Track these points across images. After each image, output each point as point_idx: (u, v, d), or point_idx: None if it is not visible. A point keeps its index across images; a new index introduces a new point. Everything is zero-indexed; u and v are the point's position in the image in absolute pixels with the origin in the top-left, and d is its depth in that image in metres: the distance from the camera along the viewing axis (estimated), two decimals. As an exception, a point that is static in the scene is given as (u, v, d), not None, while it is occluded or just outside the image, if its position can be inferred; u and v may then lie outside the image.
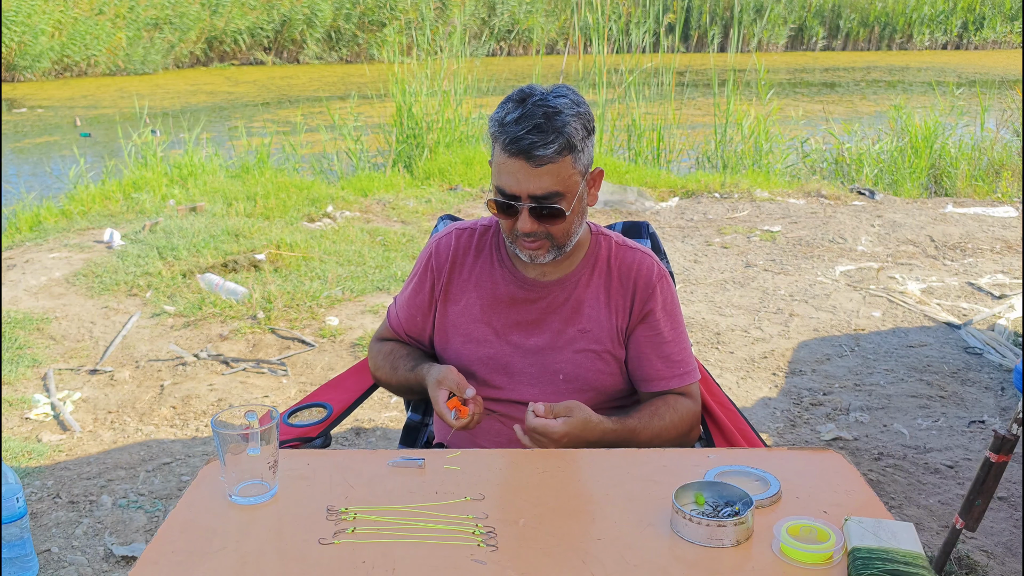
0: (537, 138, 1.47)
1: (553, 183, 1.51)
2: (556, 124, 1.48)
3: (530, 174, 1.50)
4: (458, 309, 1.71)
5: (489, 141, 1.57)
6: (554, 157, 1.49)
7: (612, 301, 1.68)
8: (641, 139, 8.10)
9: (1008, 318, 4.17)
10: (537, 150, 1.47)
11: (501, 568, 1.14)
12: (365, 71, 14.45)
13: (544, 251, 1.59)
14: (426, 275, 1.74)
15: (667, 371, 1.68)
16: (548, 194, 1.51)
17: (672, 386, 1.68)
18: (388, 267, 4.88)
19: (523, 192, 1.51)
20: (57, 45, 16.09)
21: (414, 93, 7.58)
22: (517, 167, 1.50)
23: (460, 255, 1.72)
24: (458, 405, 1.54)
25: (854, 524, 1.18)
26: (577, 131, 1.51)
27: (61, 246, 5.20)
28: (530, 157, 1.48)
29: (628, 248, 1.72)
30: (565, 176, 1.52)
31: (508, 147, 1.49)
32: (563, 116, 1.50)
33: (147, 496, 2.74)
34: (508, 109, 1.52)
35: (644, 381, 1.69)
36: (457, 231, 1.75)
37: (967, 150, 7.55)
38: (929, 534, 2.50)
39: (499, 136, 1.51)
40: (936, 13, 22.47)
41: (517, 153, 1.49)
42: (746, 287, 4.68)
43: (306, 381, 3.54)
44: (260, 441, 1.28)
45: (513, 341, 1.67)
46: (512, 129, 1.49)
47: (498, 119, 1.52)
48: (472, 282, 1.71)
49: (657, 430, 1.61)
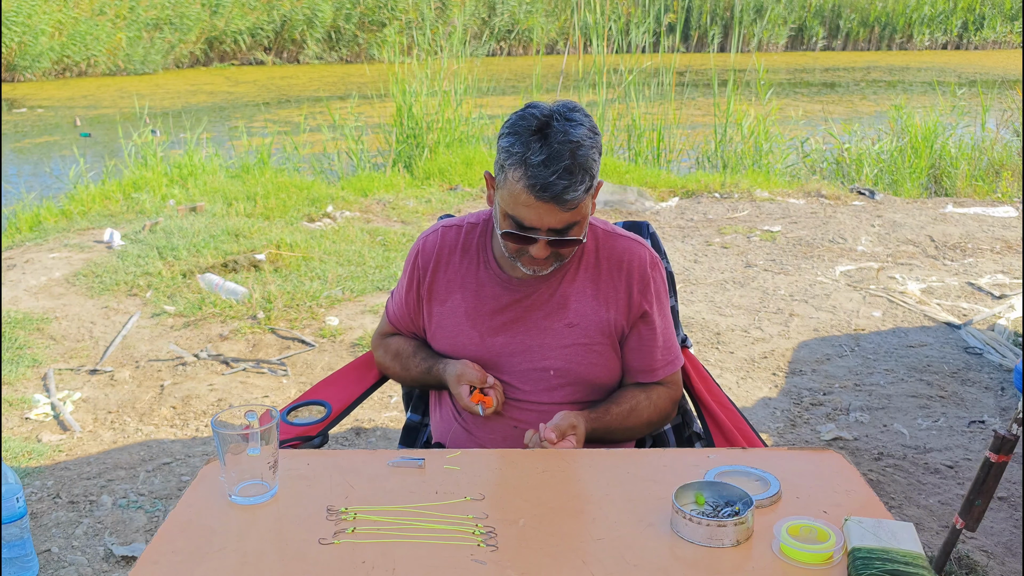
0: (568, 182, 1.44)
1: (574, 217, 1.51)
2: (581, 162, 1.46)
3: (555, 216, 1.49)
4: (444, 310, 1.71)
5: (500, 160, 1.52)
6: (582, 197, 1.49)
7: (602, 293, 1.66)
8: (641, 139, 8.09)
9: (1008, 318, 4.17)
10: (568, 195, 1.45)
11: (501, 568, 1.14)
12: (365, 71, 14.45)
13: (547, 267, 1.60)
14: (413, 273, 1.75)
15: (653, 362, 1.70)
16: (567, 227, 1.52)
17: (657, 377, 1.70)
18: (388, 267, 4.88)
19: (543, 226, 1.51)
20: (57, 45, 16.09)
21: (414, 93, 7.58)
22: (544, 209, 1.48)
23: (446, 254, 1.72)
24: (481, 398, 1.60)
25: (854, 524, 1.18)
26: (596, 162, 1.50)
27: (61, 246, 5.20)
28: (561, 202, 1.46)
29: (616, 236, 1.71)
30: (584, 207, 1.53)
31: (537, 192, 1.45)
32: (585, 150, 1.47)
33: (147, 496, 2.74)
34: (531, 147, 1.46)
35: (638, 372, 1.70)
36: (444, 228, 1.75)
37: (967, 150, 7.55)
38: (929, 534, 2.50)
39: (523, 176, 1.46)
40: (936, 13, 22.46)
41: (547, 199, 1.46)
42: (746, 287, 4.68)
43: (306, 381, 3.54)
44: (260, 441, 1.28)
45: (500, 341, 1.66)
46: (541, 173, 1.44)
47: (520, 156, 1.46)
48: (457, 282, 1.70)
49: (633, 419, 1.66)
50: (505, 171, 1.50)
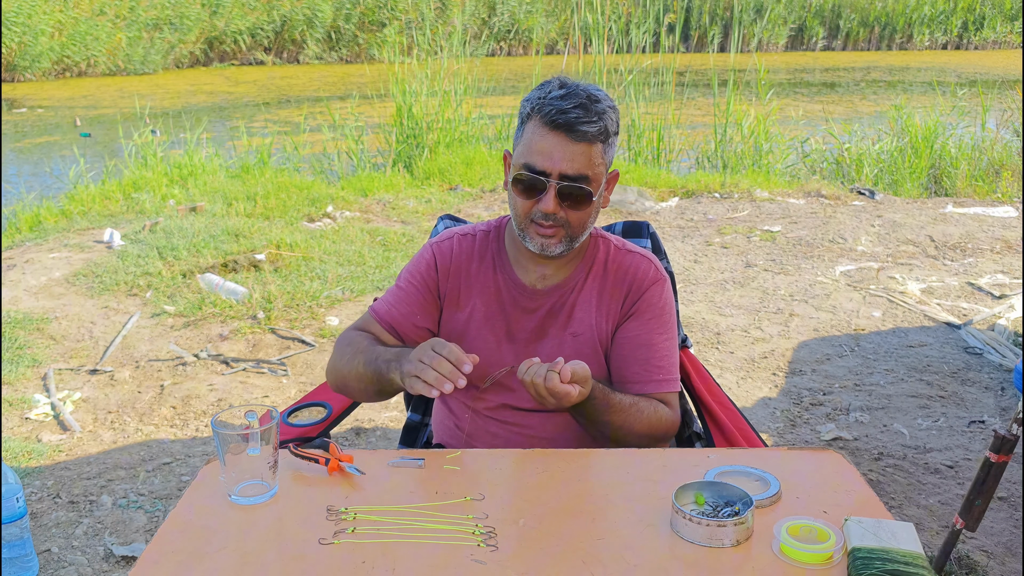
0: (582, 114, 1.49)
1: (585, 165, 1.51)
2: (598, 108, 1.51)
3: (566, 150, 1.50)
4: (463, 316, 1.68)
5: (521, 115, 1.57)
6: (592, 139, 1.51)
7: (603, 304, 1.65)
8: (641, 139, 8.09)
9: (1008, 318, 4.17)
10: (581, 125, 1.49)
11: (501, 568, 1.13)
12: (365, 71, 14.44)
13: (557, 240, 1.56)
14: (428, 274, 1.68)
15: (646, 374, 1.62)
16: (578, 175, 1.51)
17: (648, 390, 1.62)
18: (388, 267, 4.88)
19: (554, 169, 1.51)
20: (57, 45, 16.10)
21: (414, 93, 7.58)
22: (555, 142, 1.50)
23: (464, 261, 1.69)
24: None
25: (854, 524, 1.18)
26: (613, 122, 1.55)
27: (61, 246, 5.20)
28: (572, 131, 1.49)
29: (627, 252, 1.69)
30: (595, 162, 1.53)
31: (550, 119, 1.49)
32: (603, 104, 1.53)
33: (147, 496, 2.74)
34: (551, 88, 1.53)
35: (621, 383, 1.63)
36: (459, 236, 1.71)
37: (967, 150, 7.55)
38: (929, 534, 2.50)
39: (540, 109, 1.51)
40: (936, 13, 22.47)
41: (559, 126, 1.49)
42: (746, 287, 4.69)
43: (306, 381, 3.54)
44: (260, 441, 1.28)
45: (514, 350, 1.65)
46: (557, 103, 1.50)
47: (538, 96, 1.53)
48: (476, 289, 1.68)
49: (632, 415, 1.56)
50: (523, 124, 1.55)
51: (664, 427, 1.62)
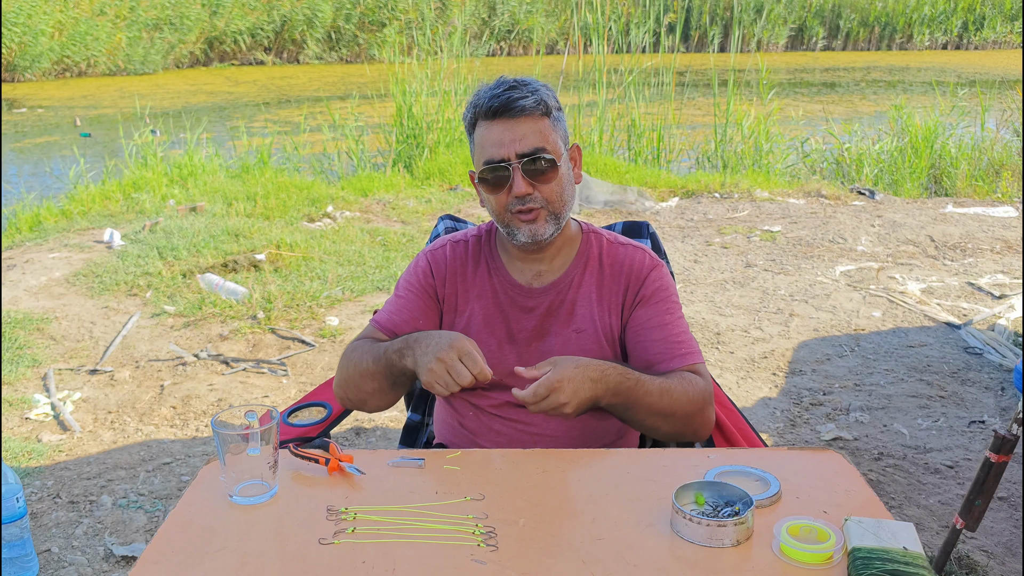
0: (513, 93, 1.54)
1: (537, 139, 1.54)
2: (529, 87, 1.56)
3: (514, 131, 1.54)
4: (462, 321, 1.69)
5: (466, 128, 1.64)
6: (531, 110, 1.54)
7: (604, 298, 1.66)
8: (641, 139, 8.10)
9: (1008, 318, 4.17)
10: (516, 102, 1.53)
11: (501, 568, 1.13)
12: (365, 71, 14.45)
13: (542, 221, 1.57)
14: (426, 281, 1.70)
15: (668, 351, 1.61)
16: (534, 149, 1.54)
17: (674, 366, 1.59)
18: (388, 267, 4.88)
19: (510, 153, 1.54)
20: (57, 45, 16.11)
21: (414, 93, 7.58)
22: (500, 128, 1.54)
23: (459, 267, 1.70)
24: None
25: (854, 524, 1.18)
26: (550, 98, 1.58)
27: (61, 246, 5.20)
28: (509, 109, 1.53)
29: (620, 245, 1.71)
30: (546, 134, 1.56)
31: (488, 109, 1.55)
32: (533, 83, 1.58)
33: (147, 496, 2.74)
34: (480, 89, 1.60)
35: (646, 367, 1.60)
36: (451, 243, 1.73)
37: (967, 150, 7.55)
38: (929, 534, 2.50)
39: (477, 108, 1.57)
40: (936, 13, 22.49)
41: (497, 112, 1.54)
42: (746, 287, 4.68)
43: (306, 381, 3.54)
44: (260, 441, 1.28)
45: (516, 350, 1.66)
46: (488, 94, 1.56)
47: (473, 102, 1.59)
48: (473, 293, 1.69)
49: (667, 388, 1.51)
50: (471, 134, 1.62)
51: (701, 396, 1.56)
